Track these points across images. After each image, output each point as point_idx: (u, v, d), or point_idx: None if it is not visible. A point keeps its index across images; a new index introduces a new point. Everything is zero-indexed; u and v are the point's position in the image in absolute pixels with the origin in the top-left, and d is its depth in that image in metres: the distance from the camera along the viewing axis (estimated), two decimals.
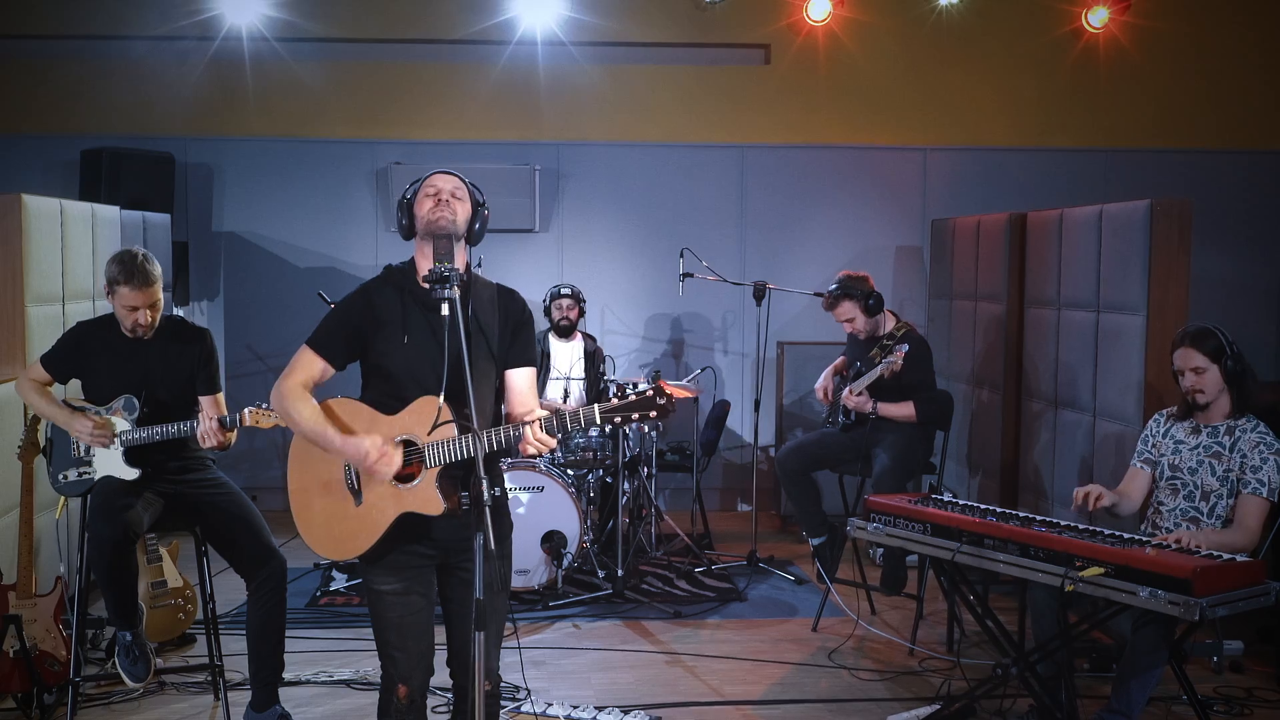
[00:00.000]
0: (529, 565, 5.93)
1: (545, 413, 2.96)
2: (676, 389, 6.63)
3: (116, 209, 6.08)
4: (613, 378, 6.86)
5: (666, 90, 8.06)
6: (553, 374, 6.80)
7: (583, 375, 6.83)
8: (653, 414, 2.88)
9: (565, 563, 5.92)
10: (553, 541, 5.91)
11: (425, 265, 3.10)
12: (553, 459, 6.21)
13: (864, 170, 8.11)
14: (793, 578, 6.38)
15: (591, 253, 8.03)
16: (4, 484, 4.64)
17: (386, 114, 7.95)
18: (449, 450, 2.97)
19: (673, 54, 8.08)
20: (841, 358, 6.18)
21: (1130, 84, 8.15)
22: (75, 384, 4.40)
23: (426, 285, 2.96)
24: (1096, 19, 7.99)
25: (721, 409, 7.33)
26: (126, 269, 4.15)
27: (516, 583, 5.90)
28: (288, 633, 5.13)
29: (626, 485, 6.48)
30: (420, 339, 3.08)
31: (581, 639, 5.46)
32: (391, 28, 7.88)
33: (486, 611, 2.75)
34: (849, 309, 5.84)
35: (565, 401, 6.68)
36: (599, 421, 2.89)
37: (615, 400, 2.89)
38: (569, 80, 7.91)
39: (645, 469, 6.66)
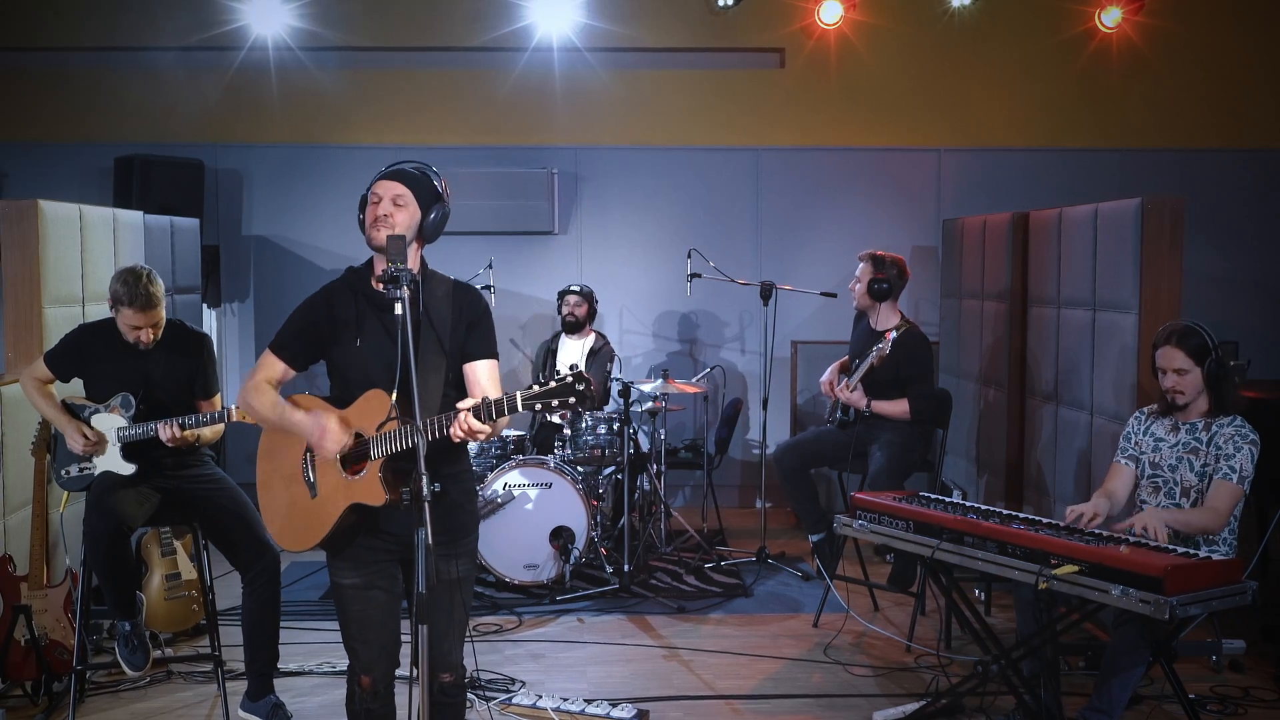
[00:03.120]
0: (538, 560, 6.05)
1: (475, 401, 2.99)
2: (685, 386, 6.74)
3: (140, 214, 6.24)
4: (618, 376, 6.96)
5: (682, 94, 8.15)
6: (557, 369, 6.92)
7: None
8: (572, 400, 2.88)
9: (573, 558, 6.02)
10: (561, 537, 6.02)
11: (380, 266, 3.20)
12: (563, 456, 6.33)
13: (878, 172, 8.16)
14: (800, 574, 6.44)
15: (610, 254, 8.15)
16: (19, 479, 4.82)
17: (407, 120, 8.12)
18: (390, 441, 3.05)
19: (687, 59, 8.16)
20: (846, 357, 6.24)
21: (1144, 84, 8.12)
22: (77, 381, 4.56)
23: (379, 286, 3.05)
24: (1110, 19, 7.96)
25: (733, 408, 7.42)
26: (130, 290, 4.26)
27: (525, 577, 6.03)
28: (299, 623, 5.31)
29: (639, 482, 6.58)
30: (373, 339, 3.17)
31: (583, 633, 5.55)
32: (412, 36, 8.03)
33: (431, 605, 2.81)
34: (864, 271, 6.01)
35: None
36: (520, 408, 2.92)
37: (537, 388, 2.93)
38: (585, 85, 8.02)
39: (655, 466, 6.75)
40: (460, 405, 2.97)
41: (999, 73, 8.16)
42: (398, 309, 2.95)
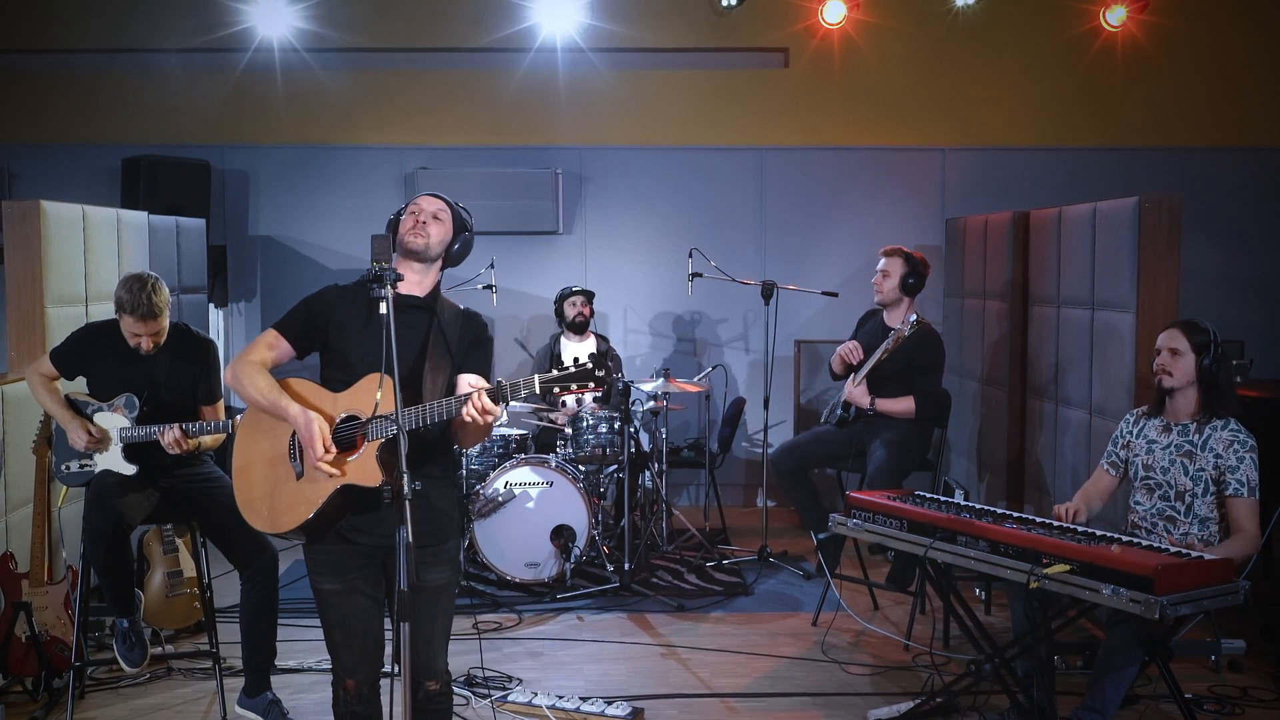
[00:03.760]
0: (539, 558, 6.06)
1: (486, 384, 3.03)
2: (686, 385, 6.75)
3: (144, 214, 6.29)
4: (617, 375, 6.98)
5: (686, 94, 8.17)
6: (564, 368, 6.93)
7: None
8: (591, 385, 2.98)
9: (574, 556, 6.04)
10: (562, 536, 6.04)
11: (406, 271, 3.30)
12: (564, 455, 6.34)
13: (883, 171, 8.16)
14: (802, 573, 6.45)
15: (614, 254, 8.17)
16: (21, 477, 4.87)
17: (412, 120, 8.16)
18: (388, 423, 3.07)
19: (691, 59, 8.17)
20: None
21: (1149, 82, 8.10)
22: (81, 379, 4.59)
23: (373, 284, 3.09)
24: (1114, 18, 7.94)
25: (736, 407, 7.44)
26: (133, 299, 4.28)
27: (526, 575, 6.05)
28: (297, 621, 5.33)
29: (640, 481, 6.59)
30: (380, 332, 3.20)
31: (582, 631, 5.57)
32: (416, 37, 8.07)
33: (413, 602, 2.84)
34: (895, 265, 5.97)
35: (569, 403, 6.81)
36: (539, 391, 2.98)
37: (556, 372, 2.99)
38: (589, 86, 8.05)
39: (656, 465, 6.77)
40: (475, 383, 3.00)
41: (1003, 72, 8.15)
42: (382, 308, 3.00)
